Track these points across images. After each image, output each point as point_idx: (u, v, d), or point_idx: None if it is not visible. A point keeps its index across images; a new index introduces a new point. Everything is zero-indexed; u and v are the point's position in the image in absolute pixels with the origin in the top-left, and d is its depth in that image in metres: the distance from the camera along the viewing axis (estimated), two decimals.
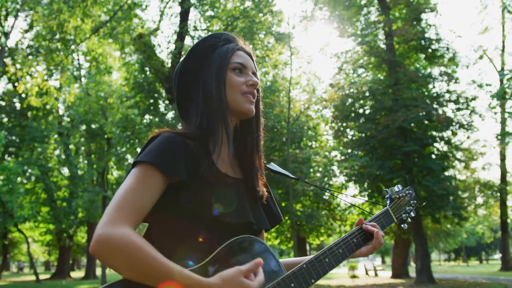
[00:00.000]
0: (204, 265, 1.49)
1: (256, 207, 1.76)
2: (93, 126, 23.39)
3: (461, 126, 19.97)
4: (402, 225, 2.03)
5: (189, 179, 1.55)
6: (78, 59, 29.48)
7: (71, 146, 31.61)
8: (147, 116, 18.25)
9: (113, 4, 17.12)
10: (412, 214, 2.04)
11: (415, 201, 2.05)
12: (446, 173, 20.42)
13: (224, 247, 1.52)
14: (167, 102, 18.21)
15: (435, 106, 19.73)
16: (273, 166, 1.97)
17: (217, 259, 1.51)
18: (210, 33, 17.90)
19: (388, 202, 2.02)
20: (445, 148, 20.66)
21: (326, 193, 22.21)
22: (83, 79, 29.44)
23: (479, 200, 29.84)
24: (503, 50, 30.92)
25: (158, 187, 1.50)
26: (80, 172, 31.63)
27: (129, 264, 1.36)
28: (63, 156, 31.88)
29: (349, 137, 21.46)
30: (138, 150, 19.60)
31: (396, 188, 2.04)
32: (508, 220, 31.89)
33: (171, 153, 1.54)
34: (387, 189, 2.05)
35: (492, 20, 43.21)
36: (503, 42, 31.06)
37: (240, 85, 1.72)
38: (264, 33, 17.94)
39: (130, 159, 21.76)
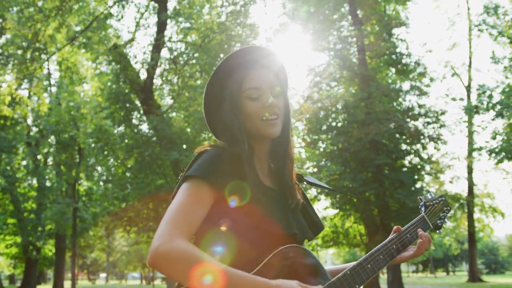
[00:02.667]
0: (256, 272, 1.56)
1: (298, 217, 1.82)
2: (63, 136, 23.06)
3: (431, 139, 20.37)
4: (438, 231, 2.10)
5: (235, 192, 1.62)
6: (48, 68, 29.05)
7: (40, 157, 31.01)
8: (121, 127, 18.07)
9: (88, 14, 17.00)
10: (446, 220, 2.11)
11: (447, 208, 2.12)
12: (417, 186, 20.76)
13: (275, 255, 1.59)
14: (142, 113, 18.06)
15: (406, 119, 20.09)
16: (310, 178, 2.02)
17: (269, 266, 1.58)
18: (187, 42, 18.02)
19: (422, 209, 2.07)
20: (416, 161, 21.02)
21: None
22: (53, 89, 29.02)
23: None
24: (470, 66, 31.70)
25: (208, 200, 1.59)
26: (48, 183, 31.04)
27: (190, 273, 1.44)
28: (31, 167, 31.25)
29: (322, 149, 21.65)
30: (112, 160, 19.42)
31: (429, 196, 2.10)
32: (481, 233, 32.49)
33: (220, 167, 1.62)
34: (420, 197, 2.11)
35: (459, 37, 44.42)
36: (470, 58, 31.86)
37: (257, 112, 1.73)
38: (240, 44, 18.04)
39: (100, 170, 21.53)
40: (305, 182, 2.00)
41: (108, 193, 18.16)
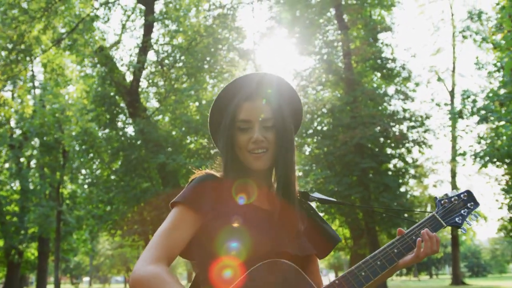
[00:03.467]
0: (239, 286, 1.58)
1: (297, 235, 1.79)
2: (48, 138, 22.84)
3: (416, 143, 20.55)
4: (462, 230, 1.96)
5: (213, 215, 1.71)
6: (32, 70, 28.78)
7: (23, 159, 30.67)
8: (107, 130, 17.96)
9: (74, 16, 16.90)
10: (472, 217, 1.96)
11: (472, 203, 1.97)
12: (401, 190, 20.91)
13: (252, 271, 1.59)
14: (127, 116, 17.98)
15: (391, 123, 20.24)
16: (317, 194, 2.00)
17: (246, 281, 1.59)
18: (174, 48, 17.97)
19: (437, 207, 1.96)
20: (401, 165, 21.18)
21: None
22: (37, 91, 28.74)
23: None
24: (453, 71, 32.02)
25: (189, 223, 1.71)
26: (32, 186, 30.69)
27: None
28: (14, 169, 30.88)
29: (307, 153, 21.72)
30: (96, 163, 19.29)
31: (449, 193, 1.99)
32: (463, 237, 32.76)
33: (201, 193, 1.75)
34: (436, 196, 2.00)
35: (443, 42, 44.91)
36: (454, 63, 32.19)
37: (245, 144, 1.78)
38: (226, 48, 18.08)
39: (85, 173, 21.38)
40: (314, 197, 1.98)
41: (93, 196, 18.03)
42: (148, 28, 17.85)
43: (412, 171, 22.11)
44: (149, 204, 16.42)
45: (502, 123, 11.55)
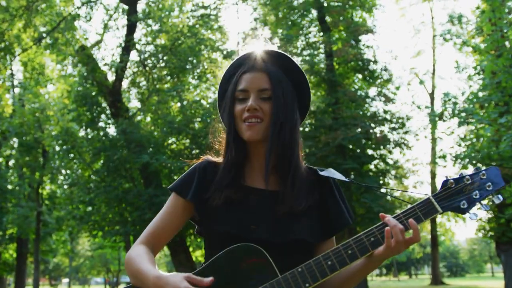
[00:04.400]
0: (200, 270, 1.67)
1: (289, 217, 1.74)
2: (27, 138, 22.56)
3: (397, 145, 20.75)
4: (470, 216, 1.67)
5: (199, 201, 1.80)
6: (11, 69, 28.41)
7: (1, 159, 30.23)
8: (88, 130, 17.81)
9: (55, 14, 16.73)
10: (495, 199, 1.65)
11: (490, 184, 1.65)
12: (382, 190, 21.07)
13: (219, 255, 1.66)
14: (109, 116, 17.85)
15: (372, 125, 20.41)
16: (328, 171, 1.91)
17: (210, 266, 1.67)
18: (156, 47, 17.88)
19: (440, 189, 1.69)
20: (381, 166, 21.36)
21: None
22: (16, 90, 28.37)
23: None
24: (433, 74, 32.40)
25: (177, 208, 1.85)
26: (10, 186, 30.26)
27: (129, 273, 1.75)
28: None
29: None
30: (77, 163, 19.09)
31: (464, 172, 1.69)
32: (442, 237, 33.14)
33: (190, 178, 1.85)
34: (447, 175, 1.69)
35: (424, 45, 45.46)
36: (434, 65, 32.58)
37: (240, 113, 1.79)
38: (208, 48, 18.04)
39: (65, 173, 21.16)
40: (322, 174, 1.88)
41: (74, 197, 17.85)
42: (130, 28, 17.75)
43: (392, 172, 22.32)
44: (131, 205, 16.32)
45: (483, 125, 11.74)
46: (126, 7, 18.27)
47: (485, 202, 1.67)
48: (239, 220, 1.72)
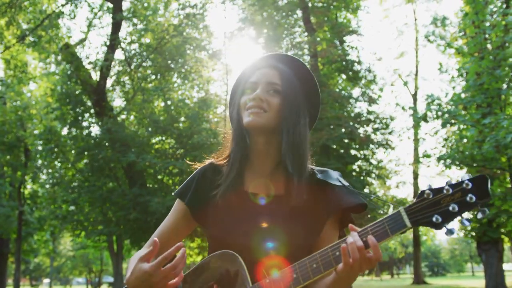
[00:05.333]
0: (188, 274, 1.72)
1: (292, 222, 1.71)
2: (8, 137, 22.26)
3: (380, 145, 20.88)
4: (445, 232, 1.45)
5: (193, 204, 1.84)
6: None
7: None
8: (72, 129, 17.64)
9: (39, 12, 16.55)
10: (479, 214, 1.41)
11: (473, 196, 1.40)
12: (365, 191, 21.22)
13: (205, 261, 1.71)
14: (94, 115, 17.70)
15: (356, 125, 20.51)
16: (328, 174, 1.82)
17: (195, 270, 1.73)
18: (146, 46, 17.79)
19: (415, 200, 1.48)
20: (364, 166, 21.48)
21: None
22: None
23: None
24: (416, 75, 32.65)
25: (180, 213, 1.89)
26: None
27: None
28: None
29: None
30: (59, 163, 18.91)
31: (448, 182, 1.45)
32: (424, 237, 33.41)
33: (190, 183, 1.90)
34: (430, 184, 1.46)
35: (407, 46, 45.77)
36: (417, 67, 32.85)
37: (245, 103, 1.77)
38: (193, 47, 17.99)
39: (48, 173, 20.95)
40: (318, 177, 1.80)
41: (57, 196, 17.68)
42: (116, 26, 17.62)
43: (376, 172, 22.47)
44: (115, 205, 16.22)
45: (464, 126, 11.89)
46: (111, 5, 18.14)
47: (465, 216, 1.43)
48: (234, 225, 1.72)
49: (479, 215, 1.39)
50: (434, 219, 1.43)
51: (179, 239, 1.90)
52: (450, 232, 1.44)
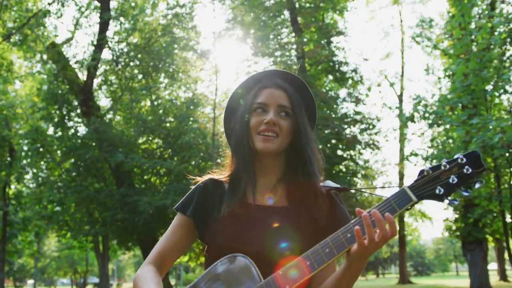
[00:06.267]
0: (195, 283, 1.73)
1: (298, 233, 1.73)
2: None
3: (367, 145, 21.00)
4: (448, 202, 1.54)
5: (197, 216, 1.85)
6: None
7: None
8: (58, 129, 17.50)
9: (25, 10, 16.40)
10: (476, 184, 1.54)
11: (469, 168, 1.53)
12: (352, 191, 21.31)
13: (213, 266, 1.70)
14: (80, 114, 17.57)
15: (343, 126, 20.60)
16: (329, 183, 1.92)
17: (204, 277, 1.72)
18: (135, 50, 17.69)
19: (416, 178, 1.59)
20: (351, 167, 21.58)
21: None
22: None
23: None
24: (402, 76, 32.88)
25: (181, 227, 1.90)
26: None
27: None
28: None
29: None
30: (43, 163, 18.74)
31: (444, 161, 1.57)
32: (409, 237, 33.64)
33: (191, 196, 1.90)
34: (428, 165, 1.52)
35: (393, 47, 46.11)
36: (402, 68, 33.08)
37: (256, 125, 1.80)
38: (181, 47, 17.94)
39: (34, 172, 20.75)
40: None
41: (44, 196, 17.52)
42: (103, 26, 17.51)
43: (362, 172, 22.59)
44: (103, 205, 16.12)
45: (453, 127, 11.99)
46: (98, 4, 18.03)
47: (462, 186, 1.55)
48: (243, 233, 1.74)
49: (477, 185, 1.53)
50: (437, 191, 1.54)
51: (180, 253, 1.93)
52: (454, 200, 1.54)
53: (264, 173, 1.86)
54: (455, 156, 1.55)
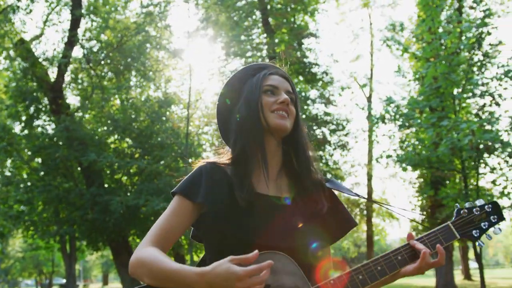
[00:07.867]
0: None
1: (305, 223, 1.75)
2: None
3: (337, 146, 21.21)
4: (478, 243, 1.90)
5: (211, 203, 1.75)
6: None
7: None
8: (26, 127, 17.15)
9: None
10: (496, 230, 1.91)
11: (496, 217, 1.90)
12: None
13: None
14: (49, 113, 17.26)
15: (313, 127, 20.76)
16: (333, 183, 1.94)
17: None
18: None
19: (454, 217, 1.88)
20: (321, 168, 21.77)
21: None
22: None
23: None
24: (371, 78, 33.28)
25: (184, 211, 1.78)
26: None
27: (149, 275, 1.65)
28: None
29: None
30: (9, 162, 18.35)
31: (467, 205, 1.91)
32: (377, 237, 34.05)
33: (197, 181, 1.80)
34: (457, 204, 1.97)
35: (362, 50, 46.69)
36: (371, 70, 33.48)
37: (270, 104, 1.83)
38: (153, 46, 17.82)
39: None
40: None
41: (10, 196, 17.11)
42: (74, 23, 17.21)
43: (332, 173, 22.79)
44: (72, 205, 15.86)
45: (422, 129, 12.22)
46: (69, 0, 17.74)
47: (487, 232, 1.90)
48: (250, 225, 1.70)
49: (497, 231, 1.91)
50: (474, 233, 1.86)
51: (178, 238, 1.82)
52: (482, 242, 1.90)
53: (269, 158, 1.85)
54: (482, 203, 1.90)
